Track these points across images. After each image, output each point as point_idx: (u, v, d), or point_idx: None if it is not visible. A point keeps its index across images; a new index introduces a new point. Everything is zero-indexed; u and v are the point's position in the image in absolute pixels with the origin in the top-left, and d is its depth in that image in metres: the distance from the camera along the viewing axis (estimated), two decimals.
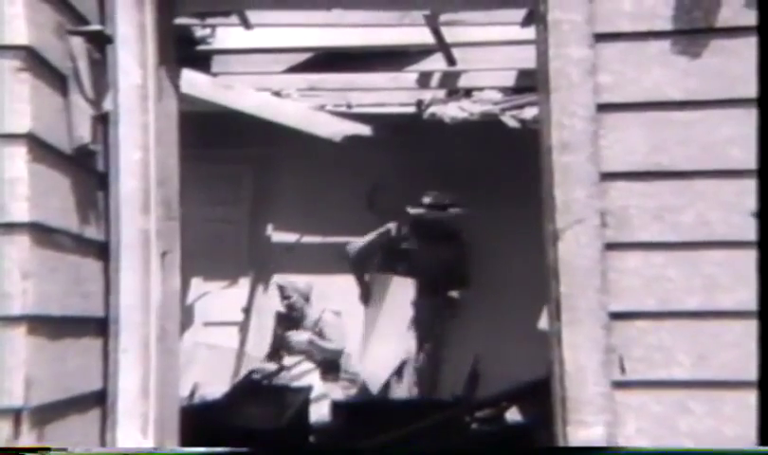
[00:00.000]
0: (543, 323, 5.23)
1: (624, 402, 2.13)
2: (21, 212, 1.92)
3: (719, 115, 2.16)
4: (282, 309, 5.67)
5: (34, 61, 1.99)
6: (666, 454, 2.10)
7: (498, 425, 4.45)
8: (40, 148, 2.00)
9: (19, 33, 1.94)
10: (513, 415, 4.44)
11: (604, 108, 2.19)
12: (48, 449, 1.91)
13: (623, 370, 2.14)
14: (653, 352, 2.13)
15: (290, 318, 5.58)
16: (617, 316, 2.16)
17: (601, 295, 2.15)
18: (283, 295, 5.60)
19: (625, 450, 2.10)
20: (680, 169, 2.17)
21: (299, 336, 5.50)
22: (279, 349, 5.54)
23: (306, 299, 5.59)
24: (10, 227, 1.92)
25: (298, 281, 5.66)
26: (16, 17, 1.94)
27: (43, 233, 2.00)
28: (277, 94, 5.15)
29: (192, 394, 4.85)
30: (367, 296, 5.46)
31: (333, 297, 5.53)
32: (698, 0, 2.16)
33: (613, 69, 2.20)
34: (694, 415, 2.11)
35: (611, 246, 2.17)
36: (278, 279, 5.81)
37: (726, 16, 2.16)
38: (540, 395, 2.67)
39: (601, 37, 2.20)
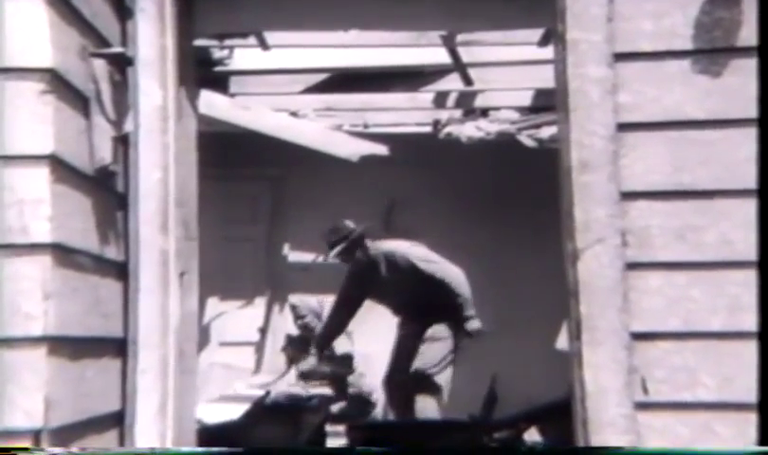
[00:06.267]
0: (562, 343, 5.17)
1: (647, 423, 2.10)
2: (43, 233, 1.94)
3: (740, 134, 2.14)
4: (294, 331, 5.58)
5: (58, 83, 2.01)
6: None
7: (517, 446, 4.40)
8: (62, 169, 2.02)
9: (44, 56, 1.97)
10: (532, 436, 4.39)
11: (624, 127, 2.18)
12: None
13: (646, 391, 2.11)
14: (677, 373, 2.10)
15: (303, 340, 5.50)
16: (639, 336, 2.13)
17: (622, 315, 2.13)
18: (297, 315, 5.52)
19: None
20: (702, 188, 2.15)
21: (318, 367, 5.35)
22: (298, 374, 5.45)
23: (319, 317, 5.52)
24: (33, 248, 1.93)
25: (310, 299, 5.59)
26: (42, 40, 1.96)
27: (64, 254, 2.01)
28: (294, 114, 5.17)
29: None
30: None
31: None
32: (718, 19, 2.16)
33: (633, 88, 2.19)
34: (720, 438, 2.07)
35: (632, 266, 2.15)
36: (293, 298, 5.77)
37: (746, 36, 2.15)
38: (560, 416, 2.64)
39: (621, 56, 2.19)
